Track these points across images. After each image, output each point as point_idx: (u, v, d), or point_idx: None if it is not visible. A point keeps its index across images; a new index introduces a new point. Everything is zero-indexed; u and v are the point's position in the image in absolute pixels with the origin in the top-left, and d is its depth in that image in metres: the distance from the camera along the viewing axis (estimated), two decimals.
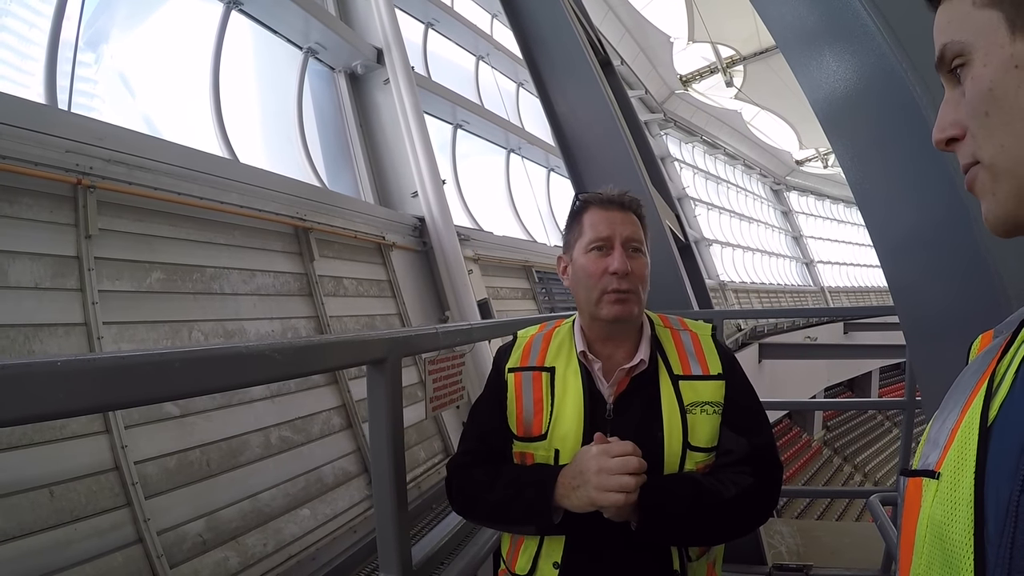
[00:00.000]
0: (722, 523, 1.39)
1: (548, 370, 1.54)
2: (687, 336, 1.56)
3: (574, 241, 1.54)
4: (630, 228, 1.49)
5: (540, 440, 1.47)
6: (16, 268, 3.61)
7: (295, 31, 7.62)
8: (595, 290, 1.47)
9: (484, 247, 9.52)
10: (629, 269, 1.44)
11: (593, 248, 1.48)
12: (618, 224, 1.48)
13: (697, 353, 1.52)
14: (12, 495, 3.22)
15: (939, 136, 0.66)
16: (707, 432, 1.43)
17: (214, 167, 5.16)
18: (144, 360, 0.90)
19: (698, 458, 1.42)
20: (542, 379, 1.53)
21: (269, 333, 5.27)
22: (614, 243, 1.46)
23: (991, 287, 1.53)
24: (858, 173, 2.01)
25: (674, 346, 1.53)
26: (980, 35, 0.60)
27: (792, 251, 34.28)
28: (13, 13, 5.02)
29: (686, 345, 1.54)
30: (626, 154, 4.60)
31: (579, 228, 1.53)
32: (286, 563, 4.48)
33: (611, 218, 1.49)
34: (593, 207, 1.53)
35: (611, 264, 1.44)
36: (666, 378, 1.47)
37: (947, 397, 0.70)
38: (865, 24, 1.69)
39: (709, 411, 1.44)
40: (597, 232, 1.48)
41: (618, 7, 20.43)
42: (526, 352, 1.59)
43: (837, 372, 22.49)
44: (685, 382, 1.46)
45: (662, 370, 1.48)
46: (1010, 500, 0.52)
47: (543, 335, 1.62)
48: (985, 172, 0.62)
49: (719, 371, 1.49)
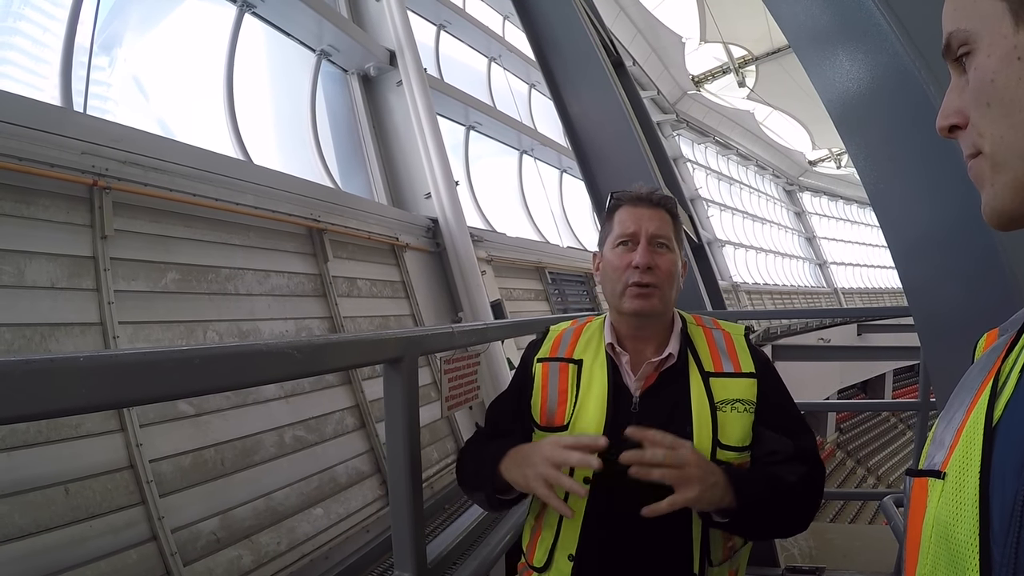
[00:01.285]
0: (787, 510, 1.39)
1: (576, 362, 1.55)
2: (719, 335, 1.56)
3: (605, 238, 1.57)
4: (656, 224, 1.49)
5: (561, 430, 1.48)
6: (33, 268, 3.64)
7: (308, 34, 7.65)
8: (619, 284, 1.48)
9: (497, 248, 9.53)
10: (652, 264, 1.45)
11: (620, 243, 1.50)
12: (645, 220, 1.49)
13: (729, 351, 1.52)
14: (28, 492, 3.25)
15: (942, 123, 0.67)
16: (738, 431, 1.41)
17: (228, 169, 5.19)
18: (165, 357, 0.91)
19: (729, 456, 1.40)
20: (568, 370, 1.54)
21: (283, 333, 5.30)
22: (639, 238, 1.47)
23: (1006, 287, 1.53)
24: (872, 173, 2.00)
25: (706, 343, 1.53)
26: (985, 24, 0.60)
27: (805, 252, 34.06)
28: (28, 17, 5.07)
29: (718, 343, 1.54)
30: (639, 155, 4.59)
31: (610, 225, 1.56)
32: (299, 562, 4.50)
33: (639, 214, 1.50)
34: (624, 204, 1.54)
35: (634, 258, 1.45)
36: (696, 374, 1.46)
37: (953, 396, 0.70)
38: (878, 23, 1.68)
39: (740, 409, 1.43)
40: (624, 228, 1.50)
41: (630, 8, 20.38)
42: (556, 344, 1.61)
43: (850, 374, 22.35)
44: (716, 379, 1.46)
45: (692, 366, 1.48)
46: (1015, 500, 0.52)
47: (574, 329, 1.64)
48: (985, 163, 0.62)
49: (751, 370, 1.48)
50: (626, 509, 1.35)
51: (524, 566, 1.57)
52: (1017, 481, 0.52)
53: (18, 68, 4.87)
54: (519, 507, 3.01)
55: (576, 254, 12.81)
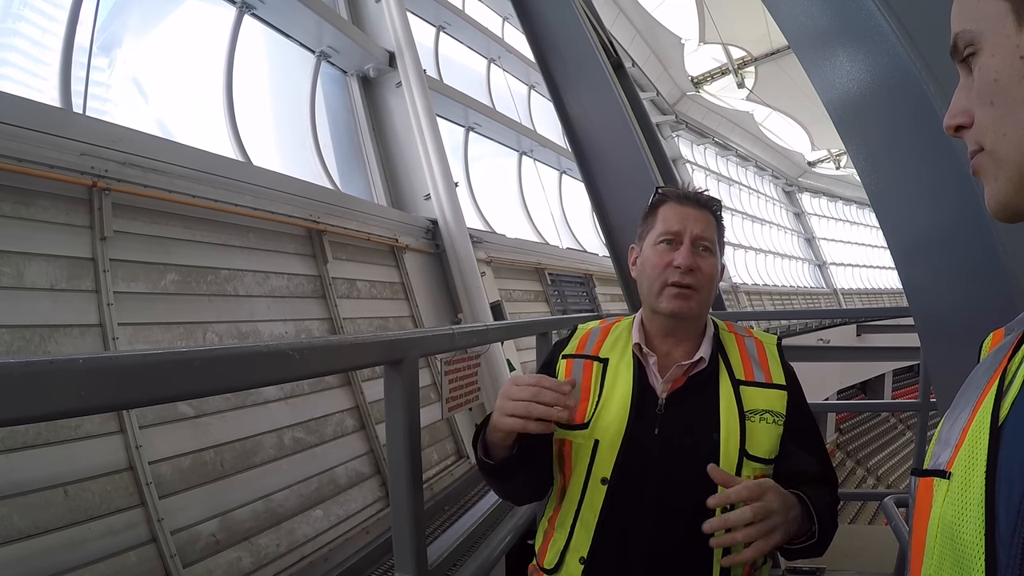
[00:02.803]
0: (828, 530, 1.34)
1: (602, 360, 1.52)
2: (752, 343, 1.53)
3: (646, 233, 1.53)
4: (702, 226, 1.46)
5: (581, 429, 1.43)
6: (32, 269, 3.64)
7: (308, 35, 7.66)
8: (657, 282, 1.45)
9: (497, 249, 9.54)
10: (694, 266, 1.42)
11: (662, 241, 1.47)
12: (690, 221, 1.46)
13: (761, 360, 1.49)
14: (27, 494, 3.25)
15: (948, 122, 0.68)
16: (767, 442, 1.38)
17: (228, 170, 5.20)
18: (165, 358, 0.91)
19: (756, 468, 1.37)
20: (593, 368, 1.51)
21: (283, 335, 5.30)
22: (683, 238, 1.44)
23: (1006, 287, 1.52)
24: (872, 173, 2.00)
25: (738, 351, 1.50)
26: (989, 25, 0.61)
27: (805, 253, 34.07)
28: (27, 18, 5.07)
29: (750, 351, 1.51)
30: (639, 156, 4.59)
31: (652, 220, 1.52)
32: (299, 563, 4.50)
33: (684, 214, 1.47)
34: (670, 201, 1.51)
35: (676, 258, 1.43)
36: (727, 381, 1.43)
37: (958, 396, 0.70)
38: (878, 23, 1.68)
39: (769, 420, 1.39)
40: (668, 226, 1.47)
41: (629, 9, 20.38)
42: (583, 342, 1.58)
43: (850, 374, 22.31)
44: (747, 388, 1.43)
45: (723, 372, 1.45)
46: (1022, 500, 0.51)
47: (602, 328, 1.61)
48: (988, 159, 0.63)
49: (782, 382, 1.45)
50: (643, 515, 1.34)
51: (535, 567, 1.54)
52: (1023, 482, 0.52)
53: (17, 69, 4.87)
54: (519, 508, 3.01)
55: (576, 255, 12.82)
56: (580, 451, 1.43)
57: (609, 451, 1.38)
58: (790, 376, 1.48)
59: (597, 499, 1.38)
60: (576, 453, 1.44)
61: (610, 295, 12.59)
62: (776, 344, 1.55)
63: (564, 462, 1.47)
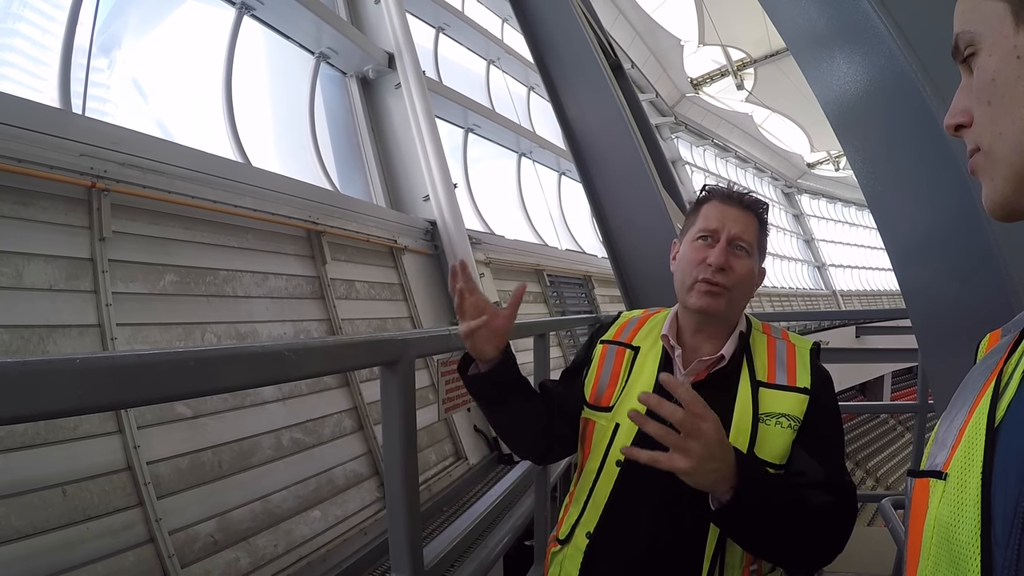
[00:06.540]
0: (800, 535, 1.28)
1: (634, 348, 1.56)
2: (783, 345, 1.51)
3: (687, 229, 1.54)
4: (741, 226, 1.46)
5: (605, 411, 1.49)
6: (31, 270, 3.64)
7: (307, 36, 7.66)
8: (689, 277, 1.46)
9: (496, 251, 9.54)
10: (727, 265, 1.42)
11: (699, 238, 1.47)
12: (730, 220, 1.46)
13: (788, 363, 1.47)
14: (25, 494, 3.25)
15: (949, 121, 0.68)
16: (779, 447, 1.36)
17: (227, 171, 5.20)
18: (162, 359, 0.91)
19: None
20: (624, 355, 1.55)
21: (281, 335, 5.30)
22: (720, 237, 1.44)
23: (1003, 289, 1.53)
24: (870, 176, 2.01)
25: (765, 352, 1.49)
26: (988, 25, 0.62)
27: (804, 255, 34.07)
28: (27, 19, 5.07)
29: (779, 354, 1.49)
30: (638, 157, 4.59)
31: (695, 217, 1.53)
32: (296, 564, 4.50)
33: (725, 213, 1.48)
34: (714, 200, 1.52)
35: (710, 256, 1.43)
36: (746, 382, 1.43)
37: (955, 397, 0.70)
38: (875, 26, 1.69)
39: (784, 424, 1.37)
40: (707, 223, 1.47)
41: (628, 11, 20.39)
42: (620, 329, 1.63)
43: (849, 376, 22.28)
44: (766, 390, 1.42)
45: (744, 373, 1.44)
46: (1018, 501, 0.51)
47: (640, 317, 1.65)
48: (985, 158, 0.64)
49: (806, 386, 1.42)
50: (649, 500, 1.36)
51: (553, 538, 1.59)
52: (1020, 484, 0.52)
53: (17, 70, 4.87)
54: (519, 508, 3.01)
55: (575, 256, 12.82)
56: (601, 432, 1.48)
57: (627, 436, 1.42)
58: (821, 382, 1.44)
59: (610, 480, 1.43)
60: (597, 434, 1.49)
61: (609, 296, 12.59)
62: (810, 349, 1.52)
63: (586, 441, 1.53)
